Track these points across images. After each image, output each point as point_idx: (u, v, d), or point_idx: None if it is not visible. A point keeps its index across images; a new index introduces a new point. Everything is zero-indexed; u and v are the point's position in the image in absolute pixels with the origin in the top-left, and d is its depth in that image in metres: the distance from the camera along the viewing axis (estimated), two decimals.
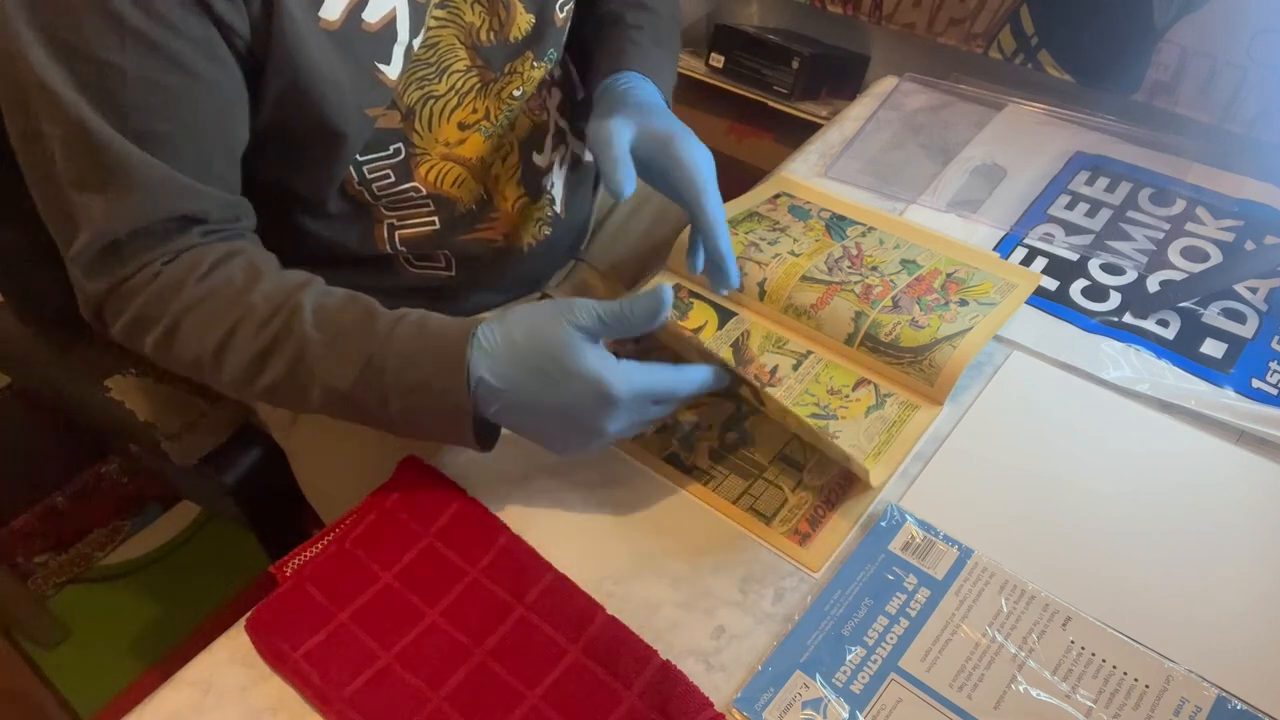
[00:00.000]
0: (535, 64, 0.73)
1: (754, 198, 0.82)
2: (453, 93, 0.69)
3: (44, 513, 1.43)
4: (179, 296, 0.58)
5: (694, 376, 0.58)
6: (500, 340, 0.56)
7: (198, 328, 0.58)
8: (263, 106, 0.60)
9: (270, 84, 0.59)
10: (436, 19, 0.65)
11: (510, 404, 0.55)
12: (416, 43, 0.64)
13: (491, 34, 0.69)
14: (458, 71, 0.68)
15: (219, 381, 0.60)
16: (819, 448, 0.62)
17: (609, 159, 0.65)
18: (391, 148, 0.68)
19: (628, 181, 0.65)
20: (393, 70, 0.63)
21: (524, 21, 0.70)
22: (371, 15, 0.60)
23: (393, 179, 0.69)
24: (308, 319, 0.57)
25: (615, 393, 0.54)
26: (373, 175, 0.68)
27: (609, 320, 0.56)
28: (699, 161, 0.67)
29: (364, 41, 0.61)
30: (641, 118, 0.69)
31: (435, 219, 0.74)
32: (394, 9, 0.61)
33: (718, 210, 0.67)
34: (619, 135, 0.66)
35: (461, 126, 0.71)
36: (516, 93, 0.73)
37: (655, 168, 0.68)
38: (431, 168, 0.71)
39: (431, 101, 0.68)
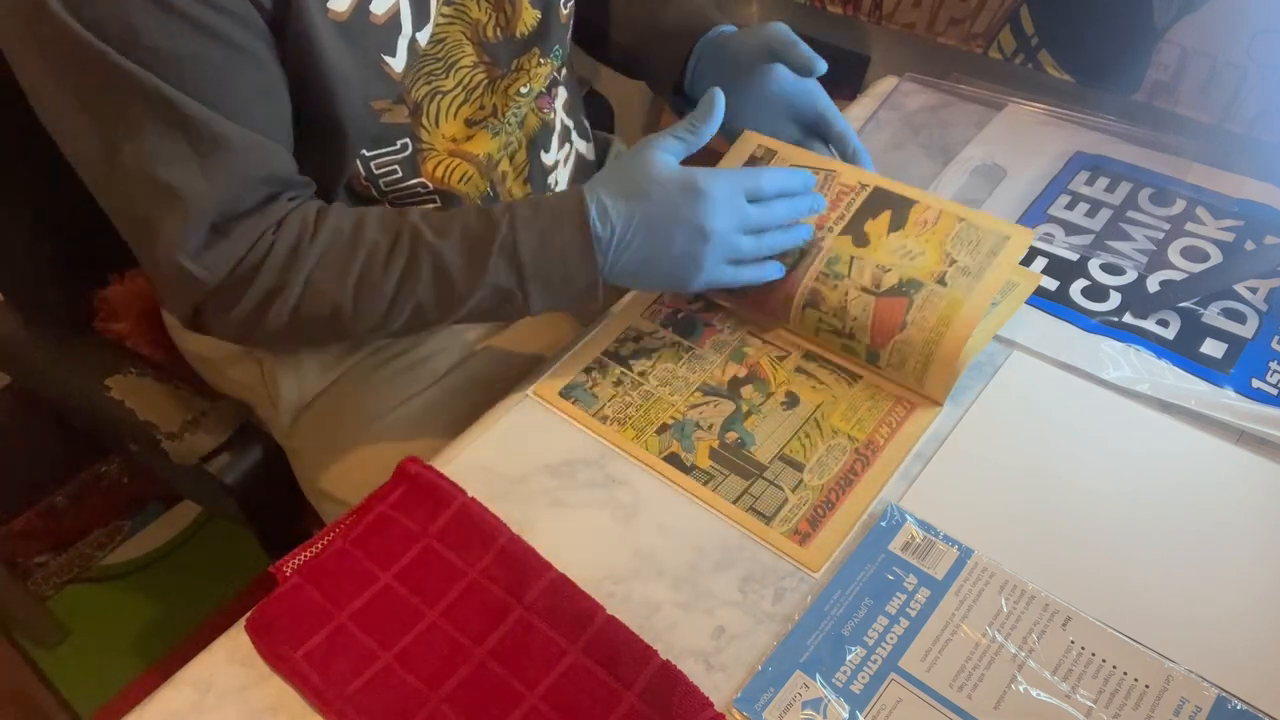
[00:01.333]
0: (542, 60, 0.73)
1: (731, 160, 0.78)
2: (460, 88, 0.69)
3: (44, 513, 1.43)
4: (301, 258, 0.60)
5: (775, 171, 0.68)
6: (602, 189, 0.62)
7: (329, 280, 0.60)
8: None
9: (285, 70, 0.59)
10: (444, 15, 0.66)
11: (625, 238, 0.62)
12: (422, 36, 0.64)
13: (498, 30, 0.69)
14: (465, 67, 0.68)
15: (359, 325, 0.62)
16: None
17: (798, 51, 0.74)
18: (399, 143, 0.68)
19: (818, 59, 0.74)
20: (398, 63, 0.63)
21: (529, 17, 0.70)
22: (378, 8, 0.61)
23: (400, 174, 0.69)
24: (428, 234, 0.61)
25: (703, 184, 0.62)
26: (380, 170, 0.68)
27: (682, 133, 0.65)
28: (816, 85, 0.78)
29: (370, 34, 0.61)
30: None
31: None
32: (397, 2, 0.61)
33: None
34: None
35: (469, 123, 0.71)
36: (524, 89, 0.73)
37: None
38: (439, 163, 0.71)
39: (439, 97, 0.68)
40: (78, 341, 0.88)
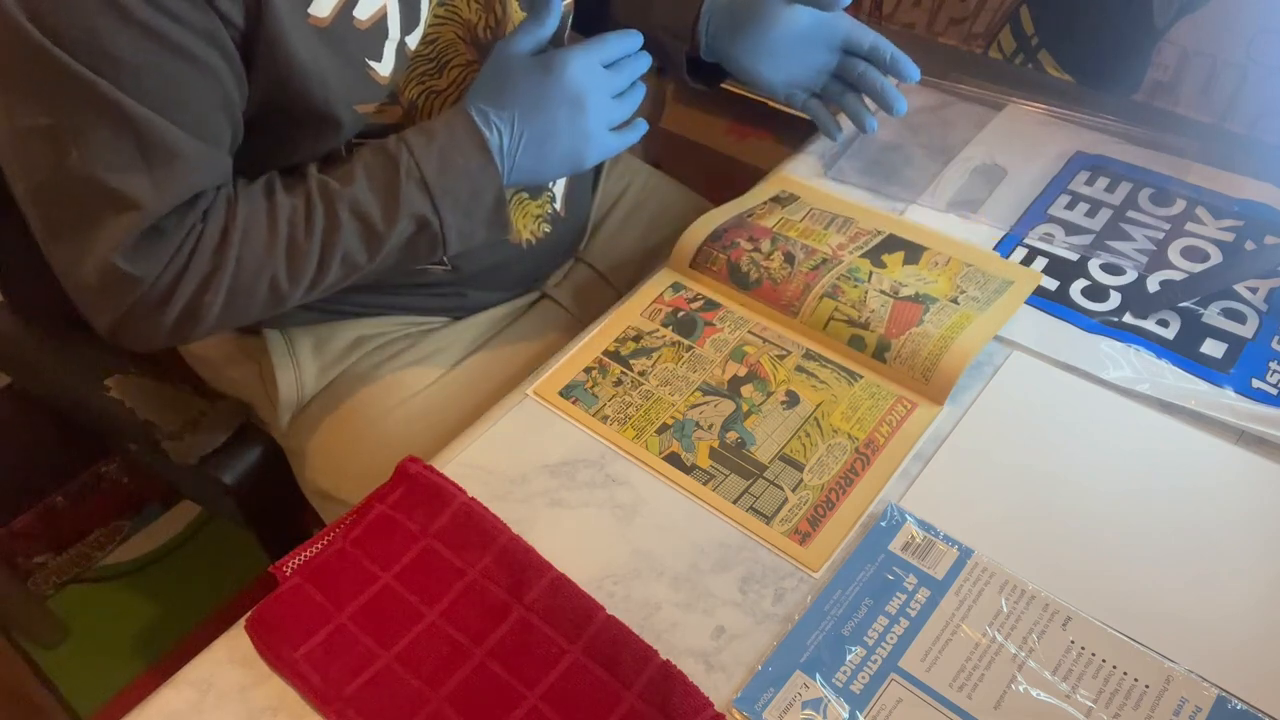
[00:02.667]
0: None
1: (753, 197, 0.82)
2: (454, 88, 0.69)
3: (44, 513, 1.43)
4: (229, 239, 0.60)
5: (613, 36, 0.69)
6: (479, 100, 0.64)
7: (259, 254, 0.61)
8: (252, 96, 0.60)
9: (257, 76, 0.59)
10: (437, 16, 0.66)
11: (514, 136, 0.64)
12: (412, 39, 0.64)
13: (488, 31, 0.69)
14: (458, 66, 0.68)
15: (295, 289, 0.63)
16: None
17: None
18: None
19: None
20: (384, 67, 0.63)
21: (518, 19, 0.70)
22: (362, 13, 0.60)
23: None
24: (334, 184, 0.62)
25: (561, 61, 0.65)
26: None
27: (528, 26, 0.66)
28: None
29: (354, 39, 0.61)
30: None
31: None
32: (384, 6, 0.61)
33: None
34: None
35: None
36: None
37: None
38: None
39: (433, 96, 0.68)
40: (78, 341, 0.88)
